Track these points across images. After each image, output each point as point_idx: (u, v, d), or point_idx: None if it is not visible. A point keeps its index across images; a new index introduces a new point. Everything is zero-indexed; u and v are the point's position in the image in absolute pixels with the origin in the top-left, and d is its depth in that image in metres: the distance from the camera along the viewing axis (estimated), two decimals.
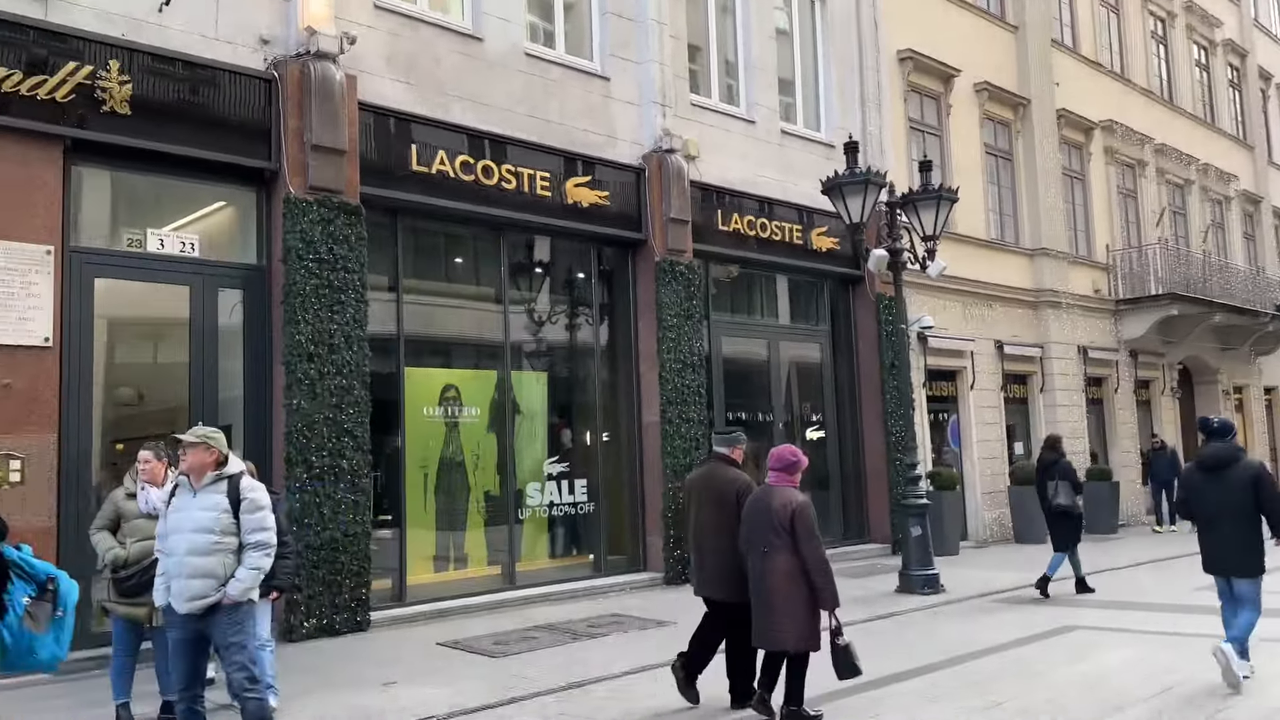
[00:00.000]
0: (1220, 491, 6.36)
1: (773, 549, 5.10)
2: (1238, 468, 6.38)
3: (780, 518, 5.09)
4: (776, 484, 5.30)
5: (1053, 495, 10.31)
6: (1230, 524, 6.32)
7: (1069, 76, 18.88)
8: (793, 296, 14.36)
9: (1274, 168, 26.85)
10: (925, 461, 14.92)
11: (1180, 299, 18.74)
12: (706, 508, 5.73)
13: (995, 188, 17.47)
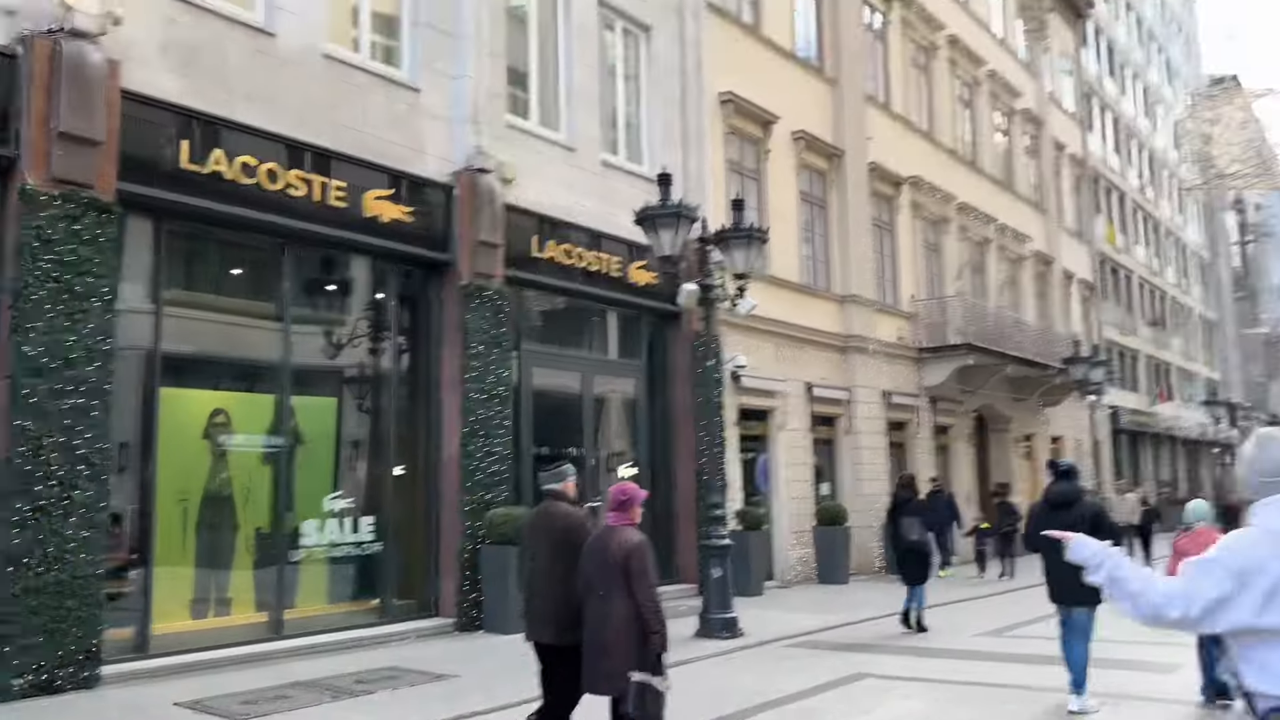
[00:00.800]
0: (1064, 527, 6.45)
1: (610, 592, 4.93)
2: (1080, 505, 7.03)
3: (616, 559, 4.90)
4: (615, 524, 5.08)
5: (906, 532, 10.73)
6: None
7: (881, 132, 19.68)
8: (610, 330, 14.09)
9: (1064, 232, 29.04)
10: (736, 500, 14.92)
11: (976, 350, 19.74)
12: (541, 548, 5.48)
13: (810, 234, 17.89)
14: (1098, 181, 33.47)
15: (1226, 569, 2.53)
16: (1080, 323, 29.19)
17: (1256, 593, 2.48)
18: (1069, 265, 28.84)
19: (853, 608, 12.60)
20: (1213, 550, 2.60)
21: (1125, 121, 37.82)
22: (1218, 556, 2.57)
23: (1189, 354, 42.90)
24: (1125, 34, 39.81)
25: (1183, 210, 45.24)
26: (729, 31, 16.05)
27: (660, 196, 10.40)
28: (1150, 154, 40.88)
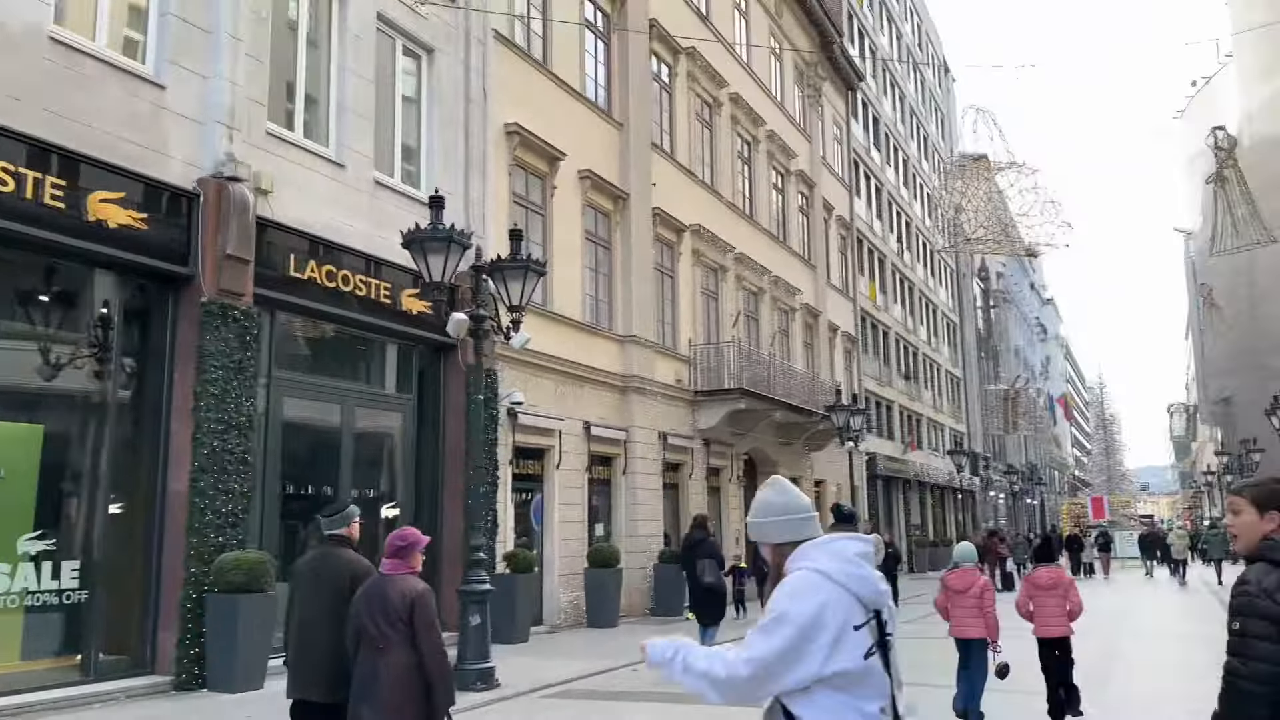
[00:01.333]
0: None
1: (387, 645, 4.58)
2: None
3: (398, 608, 4.56)
4: (393, 571, 4.71)
5: (701, 573, 10.85)
6: None
7: (666, 179, 20.08)
8: (379, 360, 13.33)
9: (831, 288, 30.79)
10: (508, 542, 14.41)
11: (748, 394, 20.34)
12: (315, 598, 5.06)
13: (593, 273, 17.86)
14: (861, 243, 35.85)
15: (794, 624, 2.47)
16: (843, 373, 30.94)
17: (823, 642, 2.46)
18: (834, 319, 30.57)
19: (617, 653, 12.34)
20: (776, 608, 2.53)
21: (888, 190, 40.90)
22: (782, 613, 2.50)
23: (938, 407, 46.56)
24: (890, 109, 43.23)
25: (935, 275, 49.38)
26: (517, 64, 15.84)
27: (431, 220, 9.90)
28: (908, 221, 44.39)
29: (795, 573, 2.61)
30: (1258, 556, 2.77)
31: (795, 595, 2.53)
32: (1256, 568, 2.75)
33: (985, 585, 7.88)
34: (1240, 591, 2.74)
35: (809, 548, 2.66)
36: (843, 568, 2.57)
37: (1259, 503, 2.83)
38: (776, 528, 2.74)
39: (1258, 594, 2.66)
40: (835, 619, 2.47)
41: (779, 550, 2.71)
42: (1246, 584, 2.72)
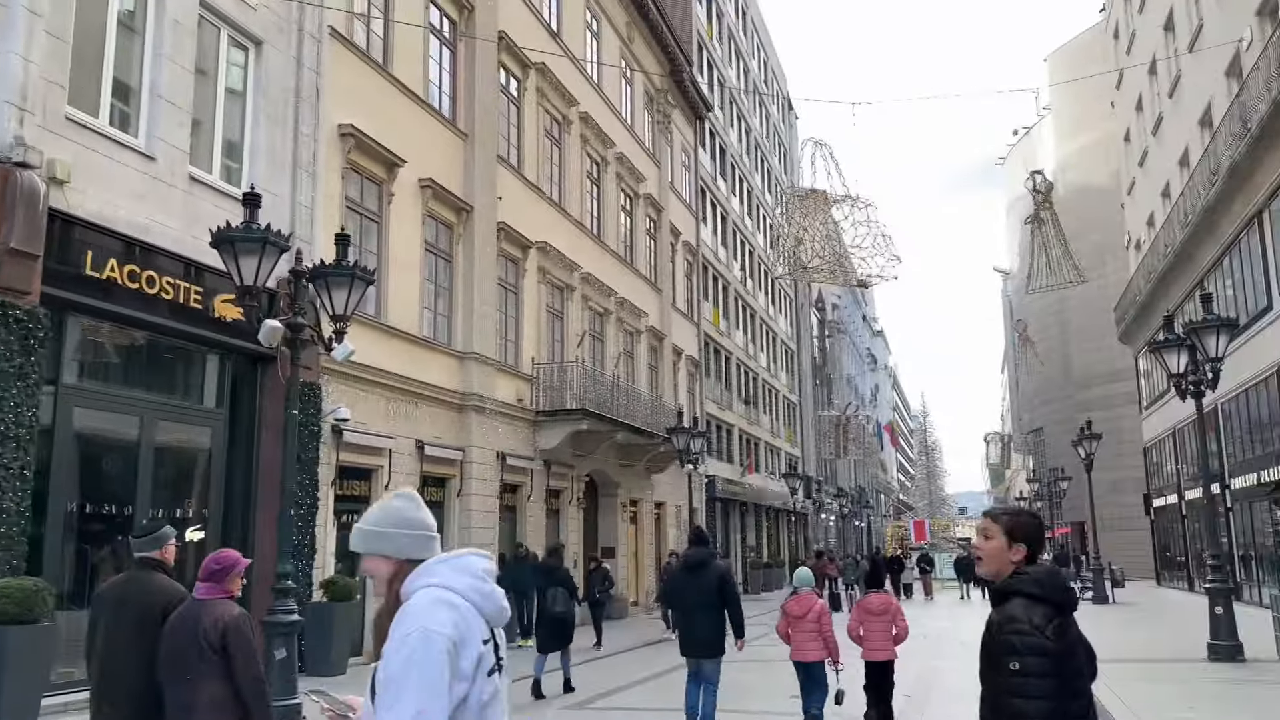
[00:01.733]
0: (697, 588, 7.74)
1: (200, 676, 4.27)
2: (711, 567, 7.93)
3: (210, 637, 4.26)
4: (206, 596, 4.41)
5: (552, 602, 10.91)
6: (703, 614, 7.70)
7: (512, 194, 19.71)
8: (187, 370, 12.32)
9: (676, 312, 31.09)
10: (327, 568, 13.59)
11: (591, 415, 20.12)
12: (120, 625, 4.65)
13: (433, 286, 17.25)
14: (707, 269, 36.47)
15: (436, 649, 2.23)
16: (685, 396, 31.25)
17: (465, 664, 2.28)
18: (679, 342, 30.86)
19: None
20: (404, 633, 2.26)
21: (733, 218, 41.87)
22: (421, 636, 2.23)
23: (775, 431, 47.83)
24: (737, 141, 44.36)
25: (775, 303, 50.88)
26: (355, 64, 15.16)
27: (246, 218, 9.18)
28: (751, 250, 45.57)
29: (423, 591, 2.37)
30: (1011, 589, 2.73)
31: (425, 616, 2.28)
32: (1019, 604, 2.70)
33: (823, 609, 8.13)
34: (1013, 629, 2.66)
35: (434, 564, 2.46)
36: (472, 584, 2.41)
37: (1010, 532, 2.81)
38: (407, 541, 2.50)
39: (1031, 631, 2.61)
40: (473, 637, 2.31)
41: (400, 567, 2.47)
42: (1017, 621, 2.66)
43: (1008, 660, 2.63)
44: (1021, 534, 2.82)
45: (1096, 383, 57.99)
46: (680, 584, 8.10)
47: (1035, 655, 2.60)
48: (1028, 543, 2.82)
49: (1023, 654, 2.61)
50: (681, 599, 8.01)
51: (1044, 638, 2.61)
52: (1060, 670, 2.62)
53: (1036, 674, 2.59)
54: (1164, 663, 12.94)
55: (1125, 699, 9.84)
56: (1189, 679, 11.31)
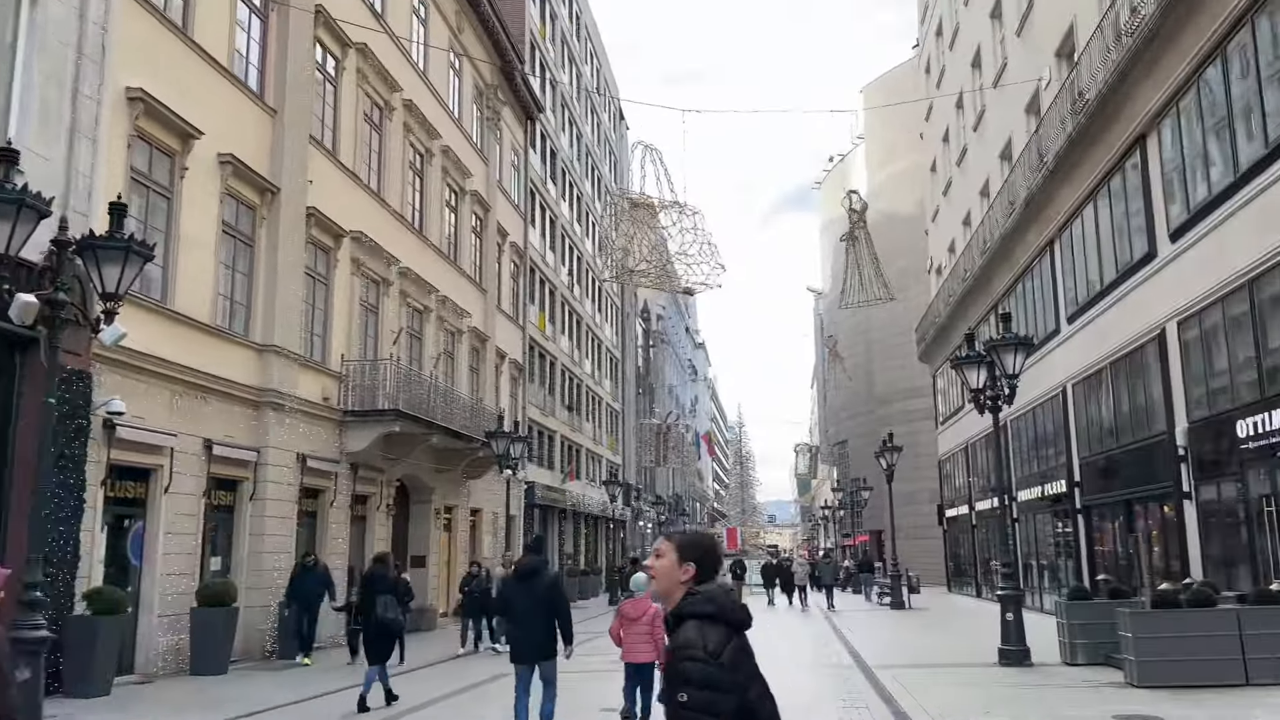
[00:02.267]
0: (530, 594, 7.89)
1: None
2: (543, 575, 8.07)
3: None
4: None
5: (382, 611, 10.47)
6: (536, 619, 7.86)
7: (325, 179, 18.52)
8: None
9: (501, 313, 30.34)
10: (93, 577, 12.14)
11: (404, 416, 19.13)
12: None
13: (230, 271, 15.90)
14: (534, 272, 35.90)
15: None
16: (508, 400, 30.54)
17: None
18: (503, 345, 30.13)
19: (214, 705, 10.73)
20: None
21: (562, 223, 41.50)
22: None
23: (597, 439, 47.77)
24: (568, 146, 44.08)
25: (602, 311, 50.92)
26: (149, 23, 13.74)
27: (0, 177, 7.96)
28: (579, 256, 45.38)
29: None
30: (684, 612, 2.63)
31: None
32: (692, 626, 2.57)
33: (656, 612, 8.15)
34: (687, 656, 2.48)
35: None
36: None
37: (681, 550, 2.78)
38: None
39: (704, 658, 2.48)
40: None
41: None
42: (691, 647, 2.50)
43: (678, 690, 2.48)
44: (691, 553, 2.75)
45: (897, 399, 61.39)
46: (513, 591, 8.20)
47: (704, 689, 2.45)
48: (697, 562, 2.72)
49: (694, 686, 2.46)
50: (514, 606, 8.07)
51: (718, 666, 2.47)
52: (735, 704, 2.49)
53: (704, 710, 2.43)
54: (959, 667, 13.44)
55: (925, 704, 10.04)
56: (983, 683, 11.74)
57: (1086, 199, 19.22)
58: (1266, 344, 12.24)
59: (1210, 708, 9.31)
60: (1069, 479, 20.90)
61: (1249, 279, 12.51)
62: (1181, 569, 14.71)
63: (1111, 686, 10.80)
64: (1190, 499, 14.59)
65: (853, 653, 15.62)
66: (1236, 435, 12.79)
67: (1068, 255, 20.82)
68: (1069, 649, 12.90)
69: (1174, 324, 15.17)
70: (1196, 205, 14.09)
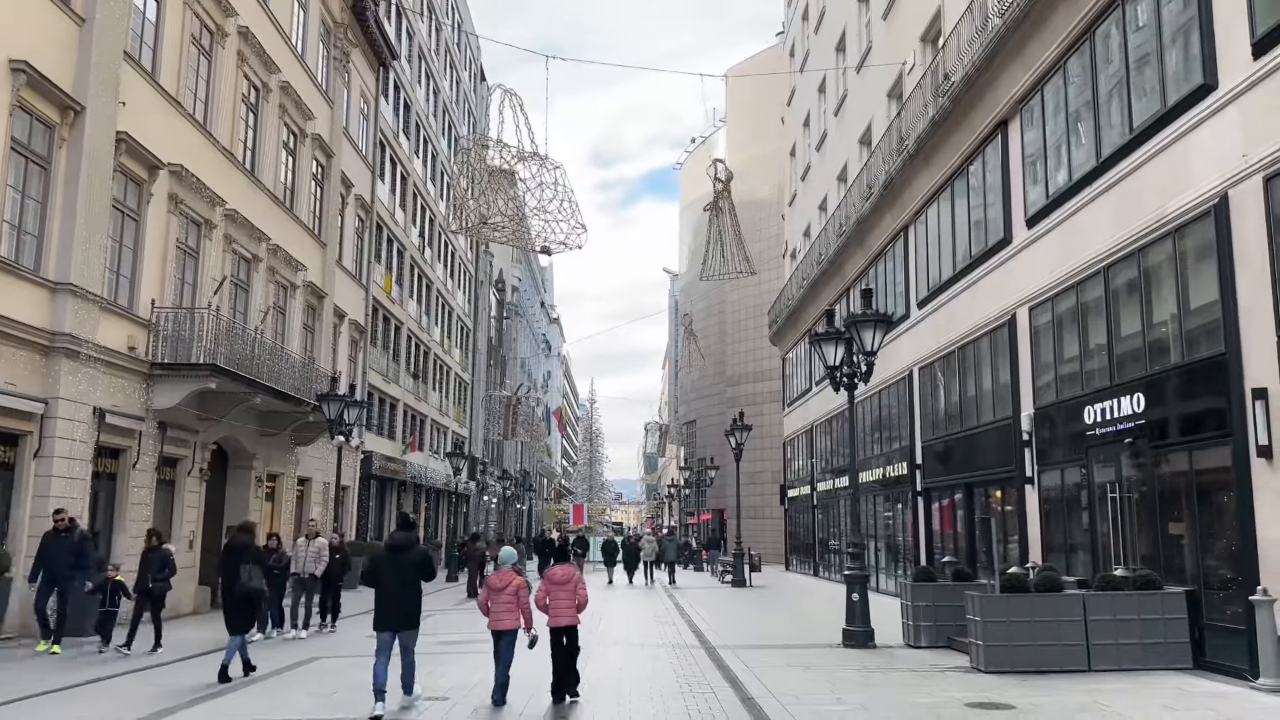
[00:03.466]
0: (398, 568, 8.53)
1: None
2: (413, 551, 8.68)
3: None
4: None
5: (246, 579, 10.52)
6: (404, 590, 8.49)
7: (141, 102, 16.49)
8: None
9: (342, 270, 28.39)
10: None
11: (222, 373, 17.35)
12: None
13: (19, 196, 13.82)
14: (381, 230, 33.96)
15: None
16: (346, 363, 28.71)
17: None
18: (343, 304, 28.24)
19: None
20: None
21: (414, 181, 39.50)
22: None
23: (444, 409, 46.09)
24: (424, 100, 41.98)
25: (454, 278, 49.09)
26: None
27: None
28: (432, 218, 43.43)
29: None
30: None
31: None
32: None
33: (521, 584, 8.91)
34: None
35: None
36: None
37: None
38: None
39: None
40: None
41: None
42: None
43: None
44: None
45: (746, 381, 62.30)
46: (383, 563, 8.69)
47: None
48: None
49: None
50: (384, 577, 8.57)
51: None
52: None
53: None
54: (803, 648, 13.12)
55: (773, 688, 9.55)
56: (829, 665, 11.41)
57: (944, 184, 19.36)
58: (1119, 331, 12.37)
59: (1057, 694, 9.18)
60: (910, 461, 21.20)
61: (1105, 265, 12.62)
62: (1021, 553, 14.93)
63: (957, 671, 10.63)
64: (1032, 484, 14.79)
65: (696, 632, 15.15)
66: (1084, 421, 12.93)
67: (922, 241, 21.00)
68: (912, 631, 12.77)
69: (1025, 310, 15.32)
70: (1056, 191, 14.19)
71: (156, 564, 12.77)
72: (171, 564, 13.05)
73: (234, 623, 10.40)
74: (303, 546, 15.37)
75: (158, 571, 12.75)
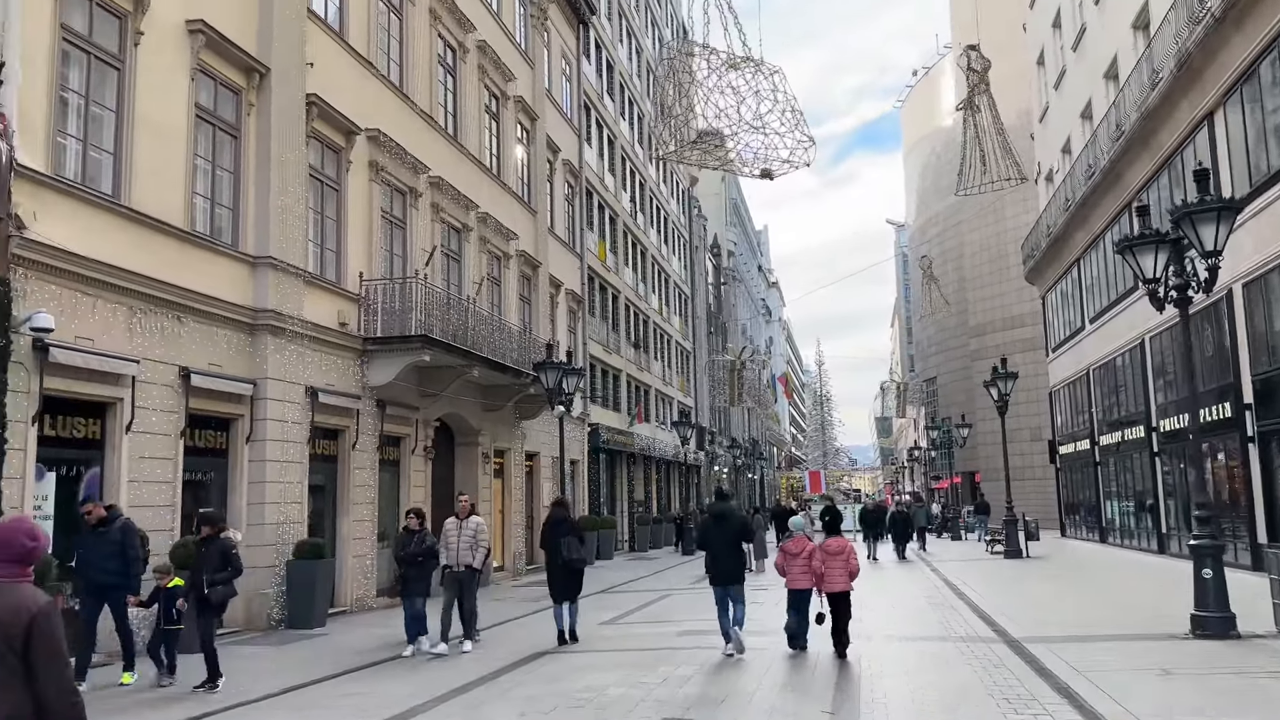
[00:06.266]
0: (723, 532, 10.32)
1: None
2: (734, 518, 10.68)
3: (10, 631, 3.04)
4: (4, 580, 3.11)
5: (567, 552, 11.22)
6: (728, 551, 10.31)
7: (330, 63, 15.60)
8: None
9: (555, 238, 27.32)
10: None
11: (434, 344, 16.30)
12: None
13: (210, 165, 13.13)
14: (591, 196, 32.74)
15: None
16: (566, 334, 27.66)
17: None
18: (558, 273, 27.15)
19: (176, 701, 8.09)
20: None
21: (621, 144, 38.11)
22: None
23: (667, 379, 44.77)
24: (627, 60, 40.48)
25: (669, 244, 47.57)
26: None
27: None
28: (642, 182, 41.97)
29: None
30: None
31: None
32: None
33: (813, 549, 9.98)
34: None
35: None
36: None
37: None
38: None
39: None
40: None
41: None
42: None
43: None
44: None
45: (991, 330, 56.95)
46: (710, 531, 10.49)
47: None
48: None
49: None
50: (712, 542, 10.33)
51: None
52: None
53: None
54: (1139, 640, 10.19)
55: (1136, 709, 6.87)
56: (1191, 667, 8.51)
57: (1268, 48, 15.21)
58: None
59: None
60: (1237, 401, 17.16)
61: None
62: None
63: None
64: None
65: (986, 619, 12.42)
66: None
67: (1236, 125, 16.82)
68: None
69: None
70: None
71: (214, 559, 9.10)
72: (235, 559, 9.30)
73: (558, 591, 11.34)
74: (452, 529, 11.34)
75: (216, 569, 9.05)
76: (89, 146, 10.99)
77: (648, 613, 14.84)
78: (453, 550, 11.20)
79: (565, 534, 11.32)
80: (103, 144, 11.20)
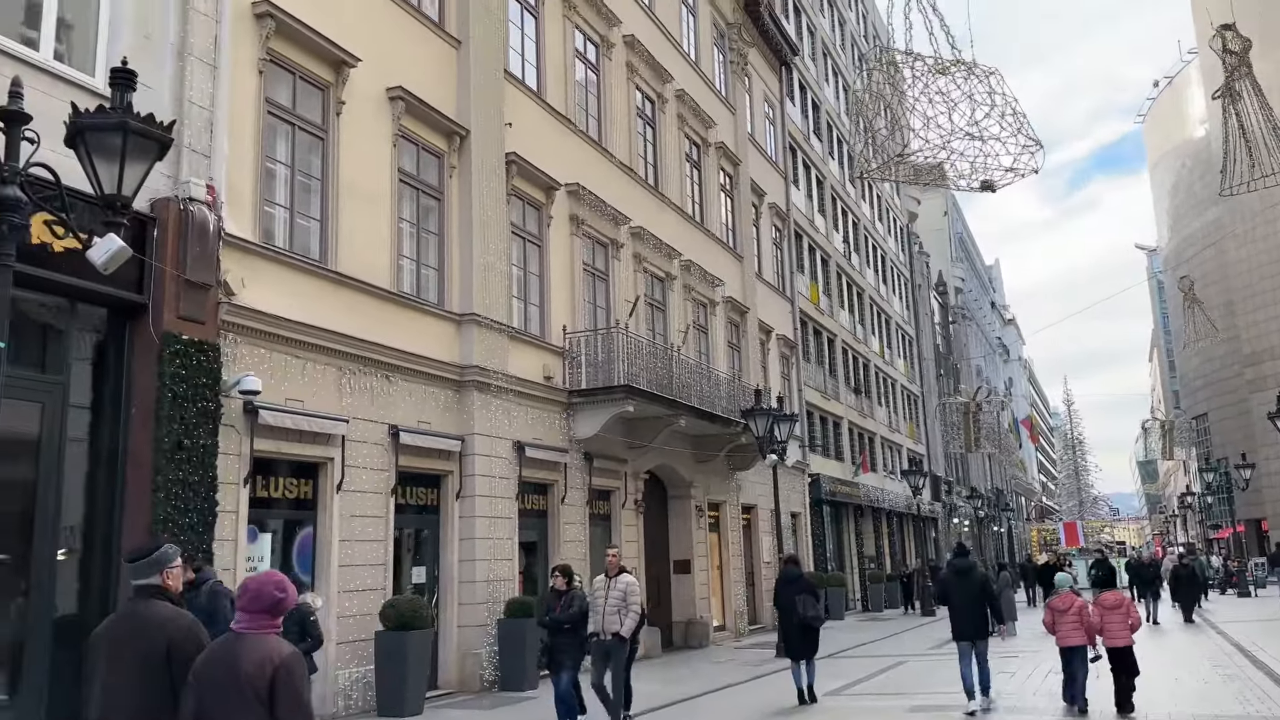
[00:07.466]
0: (965, 587, 10.46)
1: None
2: (975, 574, 10.69)
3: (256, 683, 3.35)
4: (250, 629, 3.48)
5: (803, 610, 11.18)
6: (971, 608, 10.34)
7: (527, 121, 15.78)
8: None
9: (763, 283, 26.59)
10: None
11: (637, 393, 15.88)
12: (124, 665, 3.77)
13: (414, 227, 13.42)
14: (801, 238, 31.77)
15: None
16: (779, 380, 26.66)
17: None
18: (766, 318, 26.30)
19: None
20: None
21: (831, 184, 36.97)
22: None
23: (893, 425, 42.47)
24: (833, 98, 39.47)
25: (888, 283, 45.54)
26: None
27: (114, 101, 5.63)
28: (855, 221, 40.50)
29: None
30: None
31: None
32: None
33: (1081, 605, 9.71)
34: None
35: None
36: None
37: None
38: None
39: None
40: None
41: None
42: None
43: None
44: None
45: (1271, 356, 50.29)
46: (952, 585, 10.58)
47: None
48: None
49: None
50: (954, 597, 10.43)
51: None
52: None
53: None
54: None
55: None
56: None
57: None
58: None
59: None
60: None
61: None
62: None
63: None
64: None
65: None
66: None
67: None
68: None
69: None
70: None
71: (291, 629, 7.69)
72: (313, 627, 8.29)
73: (793, 649, 11.41)
74: (600, 590, 9.87)
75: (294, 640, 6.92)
76: (296, 214, 11.44)
77: (878, 683, 13.45)
78: (599, 614, 9.57)
79: (800, 591, 11.44)
80: (309, 211, 11.64)
